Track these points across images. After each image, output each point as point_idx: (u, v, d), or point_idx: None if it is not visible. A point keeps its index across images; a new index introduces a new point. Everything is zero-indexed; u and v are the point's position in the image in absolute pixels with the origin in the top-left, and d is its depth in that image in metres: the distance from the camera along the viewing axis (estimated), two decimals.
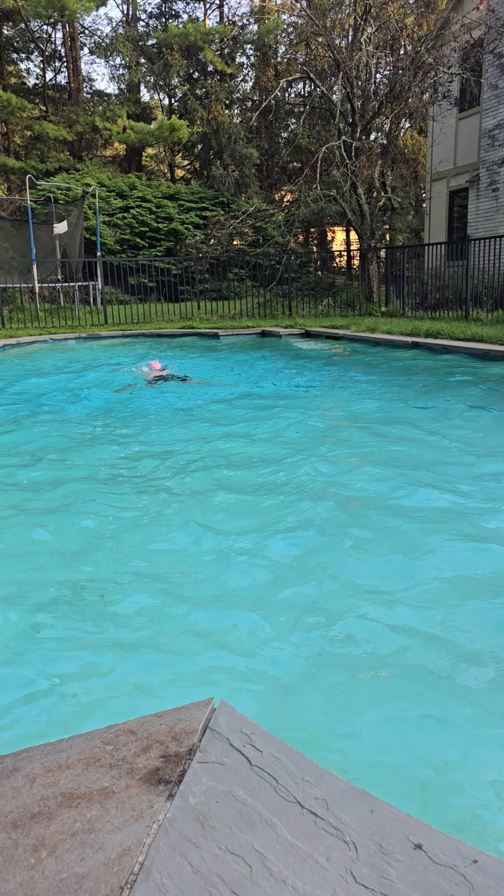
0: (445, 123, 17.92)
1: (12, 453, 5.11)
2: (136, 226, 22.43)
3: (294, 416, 6.10)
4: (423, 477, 4.13)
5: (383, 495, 3.85)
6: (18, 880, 1.02)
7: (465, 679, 2.17)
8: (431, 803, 1.69)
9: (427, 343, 10.24)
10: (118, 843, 1.07)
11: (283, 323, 14.74)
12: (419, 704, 2.05)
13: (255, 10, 27.17)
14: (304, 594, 2.75)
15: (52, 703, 2.11)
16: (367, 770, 1.80)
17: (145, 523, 3.57)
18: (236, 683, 2.19)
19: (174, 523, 3.54)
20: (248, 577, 2.92)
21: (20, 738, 1.93)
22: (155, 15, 29.73)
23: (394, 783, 1.75)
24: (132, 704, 2.06)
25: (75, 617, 2.61)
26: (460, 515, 3.51)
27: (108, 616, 2.62)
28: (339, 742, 1.92)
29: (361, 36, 15.44)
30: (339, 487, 4.01)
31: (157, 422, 6.12)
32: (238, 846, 1.06)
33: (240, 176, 25.64)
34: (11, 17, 24.94)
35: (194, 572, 2.97)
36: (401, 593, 2.72)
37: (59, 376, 9.20)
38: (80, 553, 3.17)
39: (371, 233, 16.74)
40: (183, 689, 2.13)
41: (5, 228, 18.80)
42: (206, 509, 3.74)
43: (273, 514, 3.61)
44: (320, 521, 3.47)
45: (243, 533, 3.35)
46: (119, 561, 3.10)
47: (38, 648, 2.40)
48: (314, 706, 2.07)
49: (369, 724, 1.99)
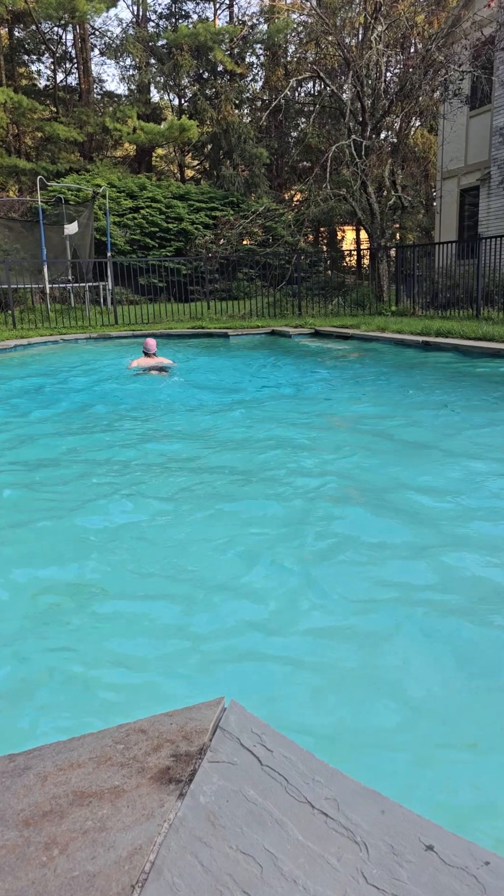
0: (456, 121, 17.82)
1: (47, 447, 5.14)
2: (146, 226, 22.48)
3: (304, 417, 6.09)
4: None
5: (401, 495, 3.84)
6: (30, 878, 1.02)
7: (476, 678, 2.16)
8: (434, 802, 1.68)
9: (438, 342, 10.19)
10: (129, 842, 1.08)
11: (293, 322, 14.72)
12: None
13: (264, 10, 27.13)
14: (315, 594, 2.74)
15: (61, 702, 2.12)
16: (378, 772, 1.79)
17: (158, 520, 3.57)
18: (246, 683, 2.19)
19: (184, 520, 3.54)
20: (260, 577, 2.92)
21: (32, 736, 1.94)
22: (165, 15, 29.80)
23: (401, 784, 1.75)
24: (143, 703, 2.07)
25: (84, 616, 2.62)
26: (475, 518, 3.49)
27: (117, 614, 2.63)
28: (349, 744, 1.92)
29: (371, 34, 15.39)
30: (347, 486, 4.00)
31: (170, 415, 6.14)
32: (249, 846, 1.06)
33: (249, 175, 25.63)
34: (23, 18, 25.07)
35: (203, 571, 2.97)
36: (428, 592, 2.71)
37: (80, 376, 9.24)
38: (90, 551, 3.18)
39: (381, 232, 16.68)
40: (193, 689, 2.13)
41: (16, 229, 18.90)
42: (213, 507, 3.74)
43: (285, 514, 3.61)
44: (330, 521, 3.46)
45: (256, 529, 3.34)
46: (126, 560, 3.11)
47: (44, 648, 2.41)
48: (325, 706, 2.07)
49: (378, 725, 1.98)
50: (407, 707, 2.05)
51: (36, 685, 2.19)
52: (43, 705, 2.10)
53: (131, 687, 2.18)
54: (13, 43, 26.25)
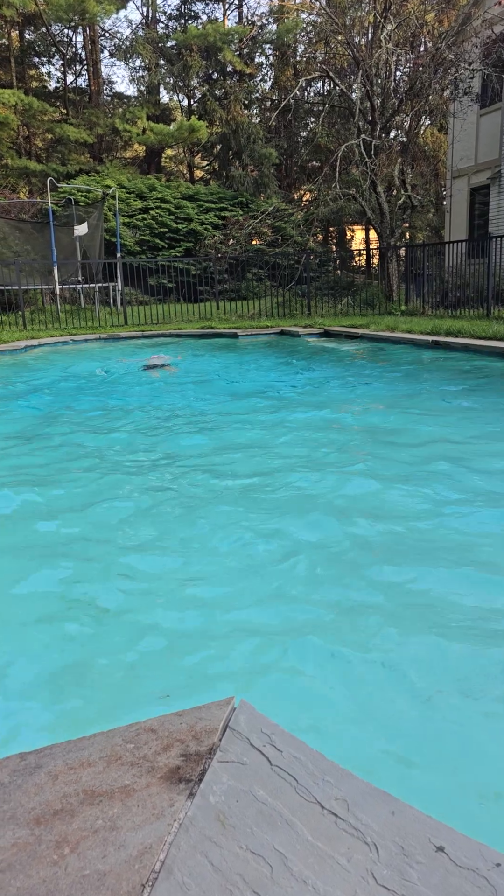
0: (466, 120, 17.72)
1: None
2: (155, 227, 22.54)
3: (316, 414, 6.09)
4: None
5: (405, 506, 3.83)
6: (41, 876, 1.03)
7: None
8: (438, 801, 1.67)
9: (448, 342, 10.15)
10: (139, 841, 1.08)
11: (302, 322, 14.71)
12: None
13: (274, 10, 27.13)
14: (325, 594, 2.74)
15: (71, 701, 2.12)
16: (388, 774, 1.79)
17: (164, 519, 3.58)
18: (256, 683, 2.19)
19: (198, 519, 3.55)
20: (270, 577, 2.92)
21: (41, 735, 1.95)
22: (174, 16, 29.84)
23: (417, 783, 1.74)
24: (152, 703, 2.07)
25: (96, 616, 2.63)
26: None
27: (130, 613, 2.63)
28: (357, 745, 1.91)
29: (381, 33, 15.35)
30: (356, 490, 4.00)
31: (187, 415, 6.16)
32: (259, 846, 1.06)
33: (259, 176, 25.64)
34: (33, 21, 25.22)
35: (212, 571, 2.97)
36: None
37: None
38: (93, 551, 3.19)
39: (391, 231, 16.63)
40: (203, 688, 2.13)
41: (27, 231, 19.00)
42: (222, 506, 3.75)
43: (294, 514, 3.61)
44: (341, 523, 3.45)
45: (267, 528, 3.34)
46: (134, 560, 3.12)
47: (57, 646, 2.42)
48: (335, 707, 2.07)
49: (388, 728, 1.98)
50: (418, 706, 2.04)
51: (48, 683, 2.20)
52: (54, 702, 2.11)
53: (140, 685, 2.18)
54: (24, 45, 26.40)
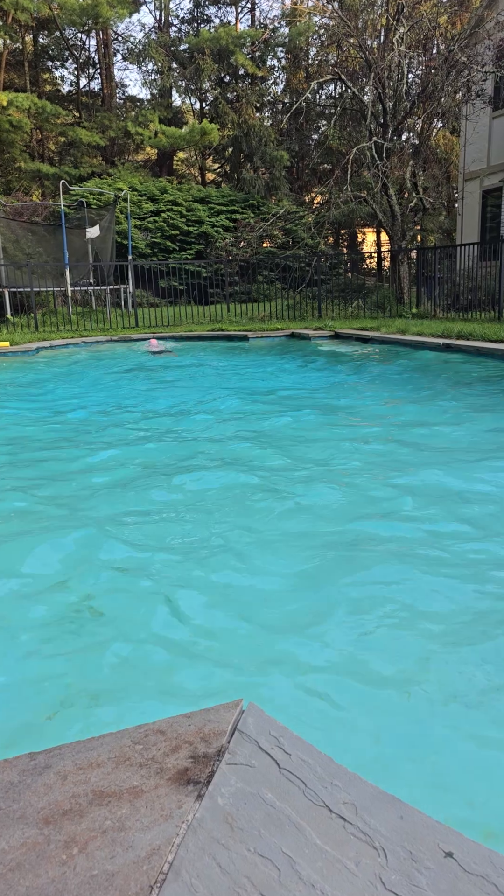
0: (479, 122, 17.66)
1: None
2: (166, 229, 22.62)
3: (321, 417, 6.08)
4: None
5: (414, 508, 3.82)
6: (50, 875, 1.03)
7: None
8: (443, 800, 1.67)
9: (459, 345, 10.11)
10: (148, 842, 1.08)
11: (313, 325, 14.70)
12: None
13: (286, 13, 27.16)
14: (333, 596, 2.73)
15: (80, 702, 2.13)
16: (395, 776, 1.78)
17: (168, 519, 3.59)
18: (265, 685, 2.18)
19: (211, 520, 3.55)
20: (277, 579, 2.92)
21: (51, 734, 1.96)
22: (187, 20, 29.95)
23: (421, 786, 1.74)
24: (161, 704, 2.08)
25: (105, 618, 2.64)
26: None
27: (140, 614, 2.64)
28: (366, 748, 1.91)
29: (394, 36, 15.33)
30: (365, 494, 3.99)
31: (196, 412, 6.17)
32: (266, 849, 1.06)
33: (270, 178, 25.65)
34: (47, 25, 25.39)
35: (220, 573, 2.98)
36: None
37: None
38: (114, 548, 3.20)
39: (402, 234, 16.59)
40: (212, 690, 2.13)
41: (39, 233, 19.12)
42: (230, 506, 3.75)
43: (303, 516, 3.61)
44: (351, 524, 3.45)
45: (276, 531, 3.34)
46: (141, 560, 3.12)
47: (67, 649, 2.43)
48: (345, 711, 2.06)
49: (398, 732, 1.97)
50: (423, 710, 2.03)
51: (58, 685, 2.21)
52: (63, 704, 2.12)
53: (149, 687, 2.19)
54: (37, 49, 26.59)
